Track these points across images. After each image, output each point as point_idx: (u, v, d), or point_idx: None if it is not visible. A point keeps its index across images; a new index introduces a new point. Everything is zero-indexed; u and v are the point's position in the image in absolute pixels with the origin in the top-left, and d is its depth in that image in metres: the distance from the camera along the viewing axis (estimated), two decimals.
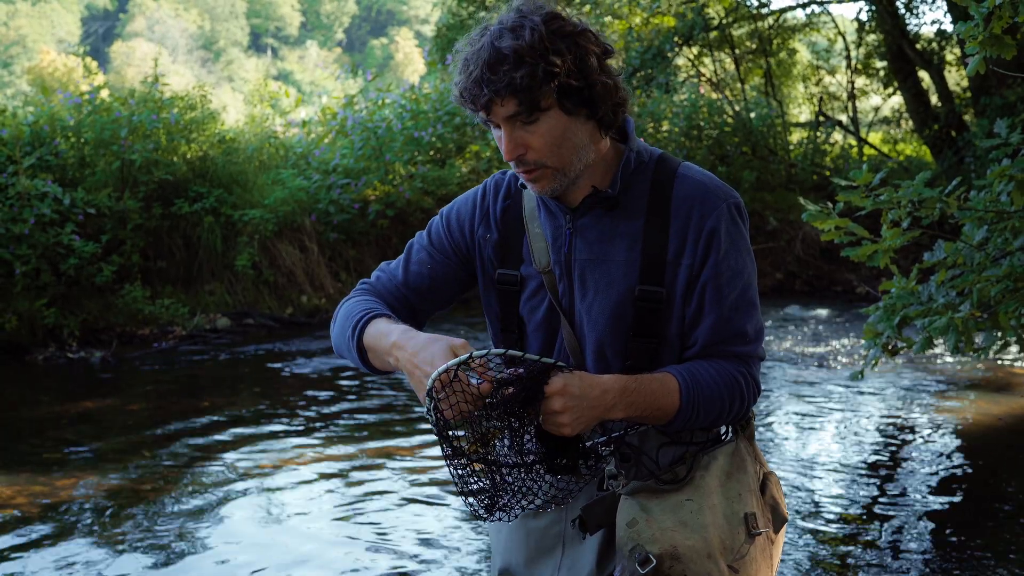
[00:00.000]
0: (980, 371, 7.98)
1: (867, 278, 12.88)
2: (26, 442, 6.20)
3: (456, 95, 1.83)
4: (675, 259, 1.87)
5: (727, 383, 1.87)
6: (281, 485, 5.27)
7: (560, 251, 1.92)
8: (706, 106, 15.55)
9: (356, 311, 1.96)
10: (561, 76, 1.75)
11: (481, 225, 2.02)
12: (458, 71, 1.82)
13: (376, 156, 12.33)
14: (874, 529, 4.56)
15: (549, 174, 1.84)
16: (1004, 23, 3.08)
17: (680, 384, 1.83)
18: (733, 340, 1.89)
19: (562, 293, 1.93)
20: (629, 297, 1.87)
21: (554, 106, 1.78)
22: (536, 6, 1.80)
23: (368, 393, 7.48)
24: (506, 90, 1.74)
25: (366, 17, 77.58)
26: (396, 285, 2.04)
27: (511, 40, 1.74)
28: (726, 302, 1.87)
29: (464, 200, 2.06)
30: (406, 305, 2.05)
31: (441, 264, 2.04)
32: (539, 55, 1.73)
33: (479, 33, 1.81)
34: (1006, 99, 11.95)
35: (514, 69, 1.73)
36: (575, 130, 1.82)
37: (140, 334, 9.74)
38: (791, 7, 17.73)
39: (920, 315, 3.71)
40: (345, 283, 11.63)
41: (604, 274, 1.89)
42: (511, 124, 1.80)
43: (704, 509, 1.84)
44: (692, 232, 1.86)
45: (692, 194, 1.88)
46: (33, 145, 10.05)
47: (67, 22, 64.99)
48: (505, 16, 1.80)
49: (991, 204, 3.60)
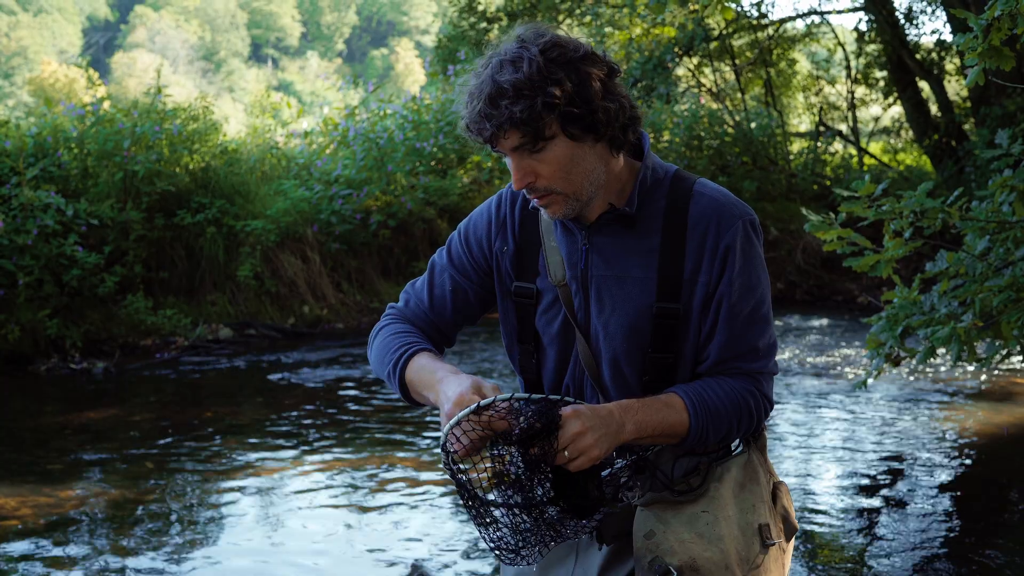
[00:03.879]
0: (983, 381, 7.98)
1: (869, 288, 12.88)
2: (29, 453, 6.21)
3: (462, 127, 1.85)
4: (692, 276, 1.88)
5: (734, 402, 1.89)
6: (284, 495, 5.28)
7: (576, 267, 1.93)
8: (707, 116, 15.57)
9: (394, 346, 2.00)
10: (561, 105, 1.76)
11: (498, 238, 2.03)
12: (464, 104, 1.83)
13: (378, 167, 12.35)
14: (877, 539, 4.56)
15: (560, 199, 1.85)
16: (1003, 35, 3.10)
17: (687, 403, 1.85)
18: (745, 356, 1.91)
19: (578, 307, 1.94)
20: (647, 314, 1.89)
21: (559, 134, 1.79)
22: (538, 34, 1.81)
23: (370, 403, 7.49)
24: (507, 124, 1.76)
25: (366, 28, 77.72)
26: (423, 311, 2.07)
27: (510, 74, 1.76)
28: (739, 319, 1.89)
29: (479, 214, 2.07)
30: (435, 329, 2.08)
31: (463, 285, 2.05)
32: (537, 87, 1.75)
33: (483, 65, 1.83)
34: (1006, 109, 11.97)
35: (513, 103, 1.75)
36: (583, 155, 1.83)
37: (142, 345, 9.75)
38: (791, 17, 17.77)
39: (922, 325, 3.72)
40: (347, 294, 11.64)
41: (621, 291, 1.90)
42: (518, 154, 1.81)
43: (720, 521, 1.86)
44: (708, 250, 1.87)
45: (708, 212, 1.89)
46: (36, 156, 10.08)
47: (68, 33, 65.12)
48: (507, 47, 1.81)
49: (993, 214, 3.62)
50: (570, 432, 1.70)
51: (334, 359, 9.28)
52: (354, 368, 8.83)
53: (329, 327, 11.04)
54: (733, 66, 17.87)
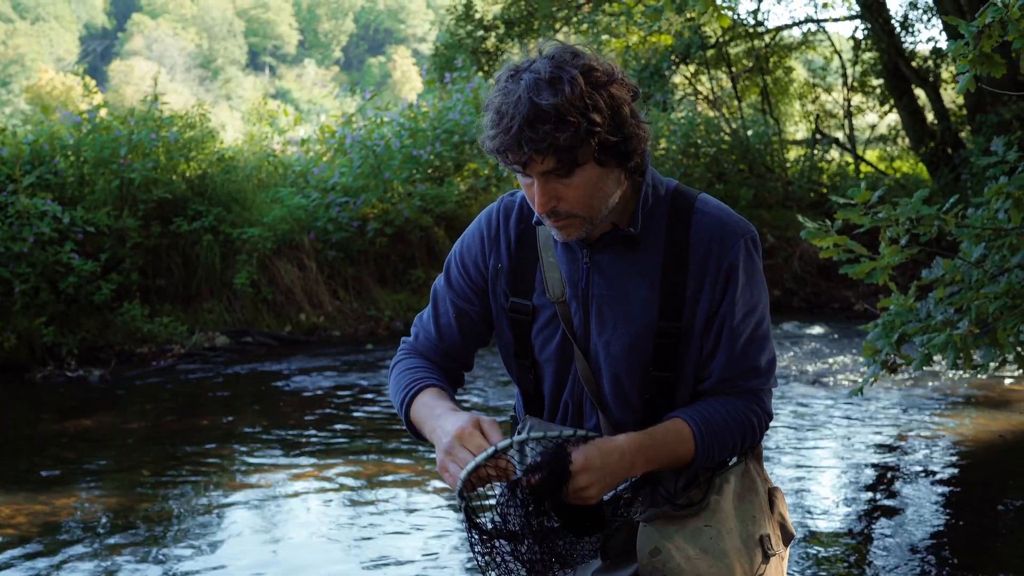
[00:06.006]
0: (979, 388, 7.99)
1: (865, 295, 12.90)
2: (25, 460, 6.20)
3: (491, 148, 1.77)
4: (694, 296, 1.87)
5: (739, 422, 1.90)
6: (280, 502, 5.27)
7: (577, 285, 1.91)
8: (703, 124, 15.60)
9: (403, 383, 1.99)
10: (601, 133, 1.73)
11: (492, 255, 2.00)
12: (492, 122, 1.76)
13: (374, 174, 12.35)
14: (874, 546, 4.56)
15: (579, 223, 1.82)
16: (994, 42, 3.10)
17: (694, 430, 1.85)
18: (746, 375, 1.91)
19: (577, 325, 1.92)
20: (649, 332, 1.88)
21: (590, 159, 1.76)
22: (572, 53, 1.76)
23: (366, 411, 7.48)
24: (548, 149, 1.71)
25: (364, 36, 77.83)
26: (433, 342, 2.06)
27: (550, 96, 1.69)
28: (741, 338, 1.89)
29: (471, 235, 2.04)
30: (447, 358, 2.06)
31: (467, 310, 2.03)
32: (580, 112, 1.70)
33: (510, 80, 1.76)
34: (1002, 117, 12.00)
35: (557, 128, 1.69)
36: (606, 180, 1.80)
37: (139, 352, 9.74)
38: (787, 25, 17.83)
39: (919, 332, 3.72)
40: (344, 301, 11.63)
41: (623, 310, 1.89)
42: (545, 178, 1.77)
43: (723, 535, 1.87)
44: (711, 269, 1.87)
45: (711, 230, 1.88)
46: (33, 164, 10.08)
47: (65, 41, 65.18)
48: (539, 65, 1.74)
49: (989, 221, 3.62)
50: (578, 485, 1.70)
51: (331, 367, 9.27)
52: (350, 376, 8.82)
53: (326, 335, 11.03)
54: (730, 74, 17.91)
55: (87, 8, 70.87)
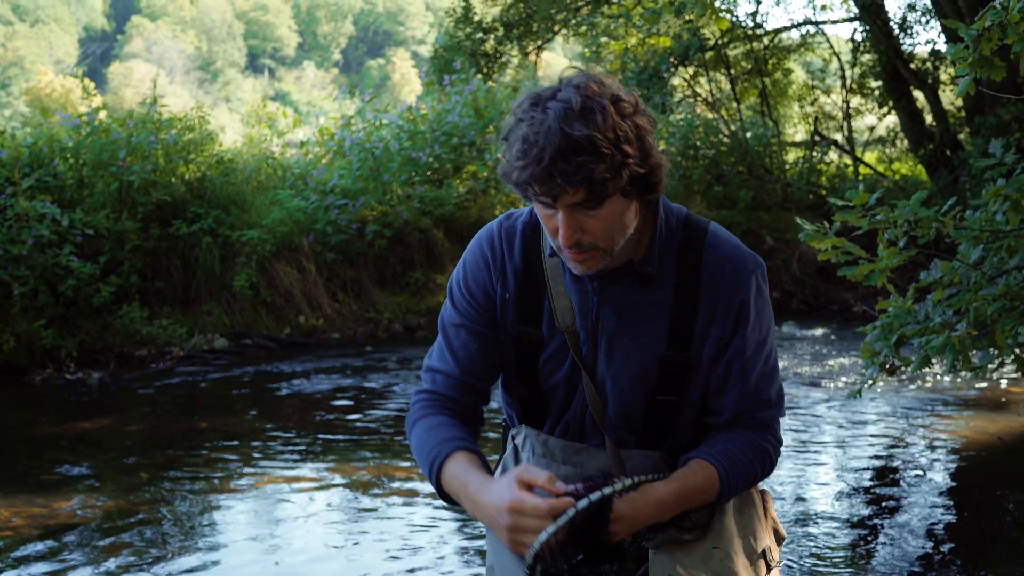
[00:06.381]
0: (978, 390, 7.99)
1: (864, 297, 12.90)
2: (24, 463, 6.20)
3: (519, 179, 1.71)
4: (704, 329, 1.88)
5: (758, 455, 1.94)
6: (280, 506, 5.27)
7: (587, 317, 1.90)
8: (702, 126, 15.61)
9: (427, 448, 1.92)
10: (632, 165, 1.70)
11: (499, 283, 1.96)
12: (520, 153, 1.70)
13: (374, 176, 12.36)
14: (872, 548, 4.56)
15: (600, 256, 1.79)
16: (994, 45, 3.11)
17: (719, 472, 1.87)
18: (759, 407, 1.95)
19: (586, 354, 1.91)
20: (655, 363, 1.89)
21: (617, 192, 1.72)
22: (596, 82, 1.72)
23: (366, 413, 7.48)
24: (582, 182, 1.66)
25: (363, 38, 77.87)
26: (454, 379, 2.00)
27: (583, 127, 1.65)
28: (753, 372, 1.92)
29: (474, 262, 1.99)
30: (470, 391, 2.01)
31: (483, 337, 1.98)
32: (612, 144, 1.66)
33: (533, 109, 1.70)
34: (1000, 119, 12.00)
35: (591, 160, 1.65)
36: (628, 211, 1.78)
37: (138, 355, 9.74)
38: (786, 28, 17.83)
39: (917, 334, 3.72)
40: (343, 304, 11.63)
41: (633, 343, 1.89)
42: (572, 210, 1.72)
43: (731, 555, 1.91)
44: (723, 303, 1.88)
45: (722, 264, 1.88)
46: (32, 166, 10.07)
47: (65, 43, 65.22)
48: (567, 94, 1.69)
49: (987, 223, 3.63)
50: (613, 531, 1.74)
51: (330, 369, 9.27)
52: (350, 378, 8.82)
53: (325, 337, 11.03)
54: (728, 76, 17.92)
55: (87, 10, 70.90)
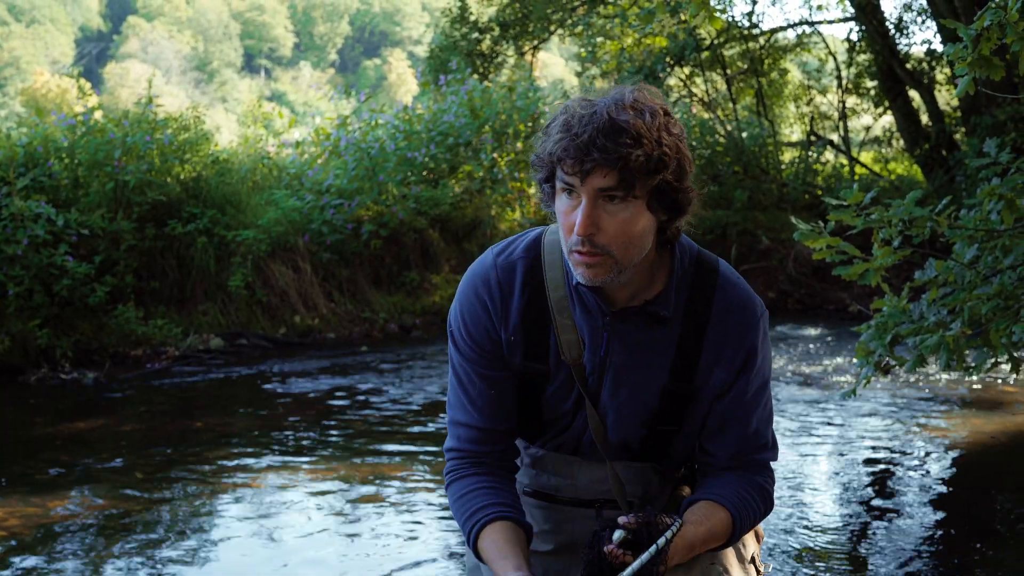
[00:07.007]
0: (972, 389, 8.00)
1: (859, 297, 12.91)
2: (19, 463, 6.18)
3: (548, 153, 1.72)
4: (708, 366, 1.90)
5: (763, 497, 1.98)
6: (275, 506, 5.26)
7: (596, 352, 1.90)
8: (698, 126, 15.61)
9: (462, 516, 1.94)
10: (666, 172, 1.71)
11: (501, 327, 1.94)
12: (556, 132, 1.71)
13: (369, 177, 12.35)
14: (866, 547, 4.56)
15: (609, 264, 1.76)
16: (992, 45, 3.11)
17: (733, 516, 1.91)
18: (760, 449, 1.99)
19: (591, 384, 1.93)
20: (658, 394, 1.92)
21: (643, 198, 1.72)
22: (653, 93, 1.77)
23: (361, 413, 7.47)
24: (617, 162, 1.66)
25: (359, 38, 77.84)
26: (478, 431, 1.98)
27: (631, 116, 1.68)
28: (753, 415, 1.95)
29: (471, 307, 1.95)
30: (498, 439, 2.00)
31: (497, 380, 1.97)
32: (655, 142, 1.68)
33: (582, 105, 1.72)
34: (996, 119, 12.01)
35: (632, 144, 1.66)
36: (647, 229, 1.77)
37: (133, 355, 9.73)
38: (782, 28, 17.84)
39: (912, 333, 3.73)
40: (338, 304, 11.62)
41: (639, 378, 1.91)
42: (595, 199, 1.71)
43: (729, 567, 1.97)
44: (730, 346, 1.90)
45: (732, 307, 1.90)
46: (27, 166, 10.05)
47: (61, 43, 65.14)
48: (619, 92, 1.73)
49: (981, 223, 3.63)
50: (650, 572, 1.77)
51: (325, 369, 9.27)
52: (345, 378, 8.82)
53: (320, 337, 11.03)
54: (724, 76, 17.92)
55: (82, 11, 70.82)
